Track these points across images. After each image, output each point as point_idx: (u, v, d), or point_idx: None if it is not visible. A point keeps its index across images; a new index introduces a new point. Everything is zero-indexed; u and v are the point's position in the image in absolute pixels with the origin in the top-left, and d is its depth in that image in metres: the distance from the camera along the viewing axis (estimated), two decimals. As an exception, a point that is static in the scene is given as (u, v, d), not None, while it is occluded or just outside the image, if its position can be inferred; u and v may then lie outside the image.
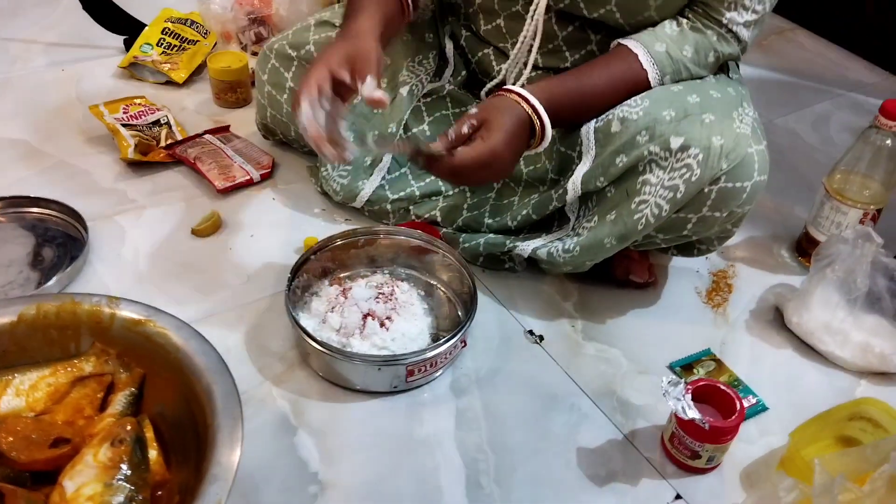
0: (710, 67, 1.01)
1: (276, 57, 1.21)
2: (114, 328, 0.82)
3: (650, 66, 0.98)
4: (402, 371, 0.94)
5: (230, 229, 1.20)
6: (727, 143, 0.91)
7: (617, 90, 0.99)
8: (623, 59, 0.99)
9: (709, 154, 0.91)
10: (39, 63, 1.61)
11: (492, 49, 1.13)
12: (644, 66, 0.98)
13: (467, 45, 1.17)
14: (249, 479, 0.85)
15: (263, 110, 1.28)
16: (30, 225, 1.17)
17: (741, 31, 0.99)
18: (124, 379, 0.82)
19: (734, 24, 0.98)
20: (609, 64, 1.00)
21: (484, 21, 1.11)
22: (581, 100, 1.00)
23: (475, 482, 0.88)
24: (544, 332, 1.07)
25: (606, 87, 1.00)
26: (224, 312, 1.06)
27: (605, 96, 1.00)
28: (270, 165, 1.31)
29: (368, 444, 0.91)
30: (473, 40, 1.16)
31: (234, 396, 0.74)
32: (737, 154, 0.91)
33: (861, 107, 1.69)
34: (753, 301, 1.16)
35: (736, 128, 0.93)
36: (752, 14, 0.98)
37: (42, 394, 0.81)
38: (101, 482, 0.70)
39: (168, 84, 1.55)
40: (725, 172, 0.92)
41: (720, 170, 0.91)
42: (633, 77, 0.99)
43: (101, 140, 1.37)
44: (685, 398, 0.86)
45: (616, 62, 1.00)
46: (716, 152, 0.91)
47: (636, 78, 0.99)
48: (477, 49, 1.15)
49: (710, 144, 0.91)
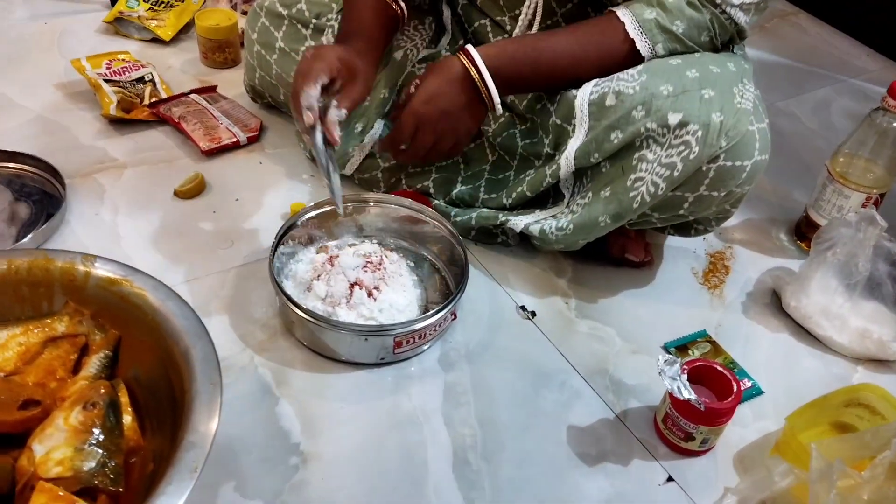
0: (705, 46, 0.97)
1: (266, 15, 1.17)
2: (88, 287, 0.79)
3: (637, 34, 0.94)
4: (389, 342, 0.91)
5: (214, 192, 1.16)
6: (727, 120, 0.88)
7: (587, 54, 0.97)
8: (599, 23, 0.97)
9: (708, 131, 0.88)
10: (20, 15, 1.55)
11: (488, 20, 1.09)
12: (631, 34, 0.94)
13: (464, 14, 1.14)
14: (228, 448, 0.82)
15: (252, 71, 1.24)
16: (5, 180, 1.12)
17: (736, 14, 0.95)
18: (99, 341, 0.79)
19: (728, 5, 0.94)
20: (579, 28, 0.97)
21: None
22: (539, 61, 0.97)
23: (462, 458, 0.85)
24: (537, 308, 1.04)
25: (574, 51, 0.97)
26: (205, 277, 1.02)
27: (573, 60, 0.97)
28: (258, 128, 1.27)
29: (353, 417, 0.88)
30: (470, 9, 1.12)
31: (213, 361, 0.71)
32: (737, 131, 0.89)
33: (862, 93, 1.67)
34: (750, 284, 1.14)
35: (737, 103, 0.90)
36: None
37: (12, 353, 0.77)
38: (72, 446, 0.68)
39: (154, 41, 1.50)
40: (725, 150, 0.89)
41: (719, 147, 0.88)
42: (609, 42, 0.96)
43: (82, 95, 1.32)
44: (681, 378, 0.83)
45: (589, 27, 0.97)
46: (715, 129, 0.88)
47: (613, 44, 0.95)
48: (474, 19, 1.12)
49: (709, 121, 0.88)
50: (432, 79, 0.98)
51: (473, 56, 0.96)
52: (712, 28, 0.95)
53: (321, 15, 1.13)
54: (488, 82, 0.96)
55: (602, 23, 0.96)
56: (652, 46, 0.95)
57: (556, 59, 0.97)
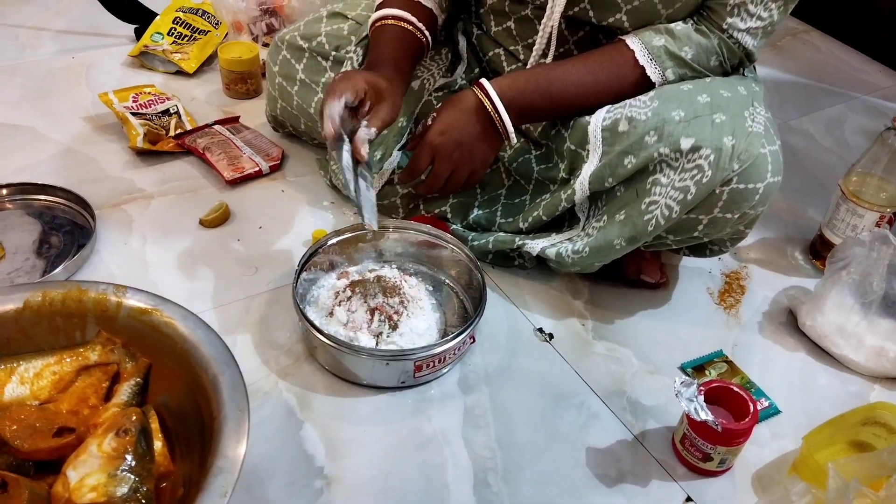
0: (714, 71, 1.00)
1: (287, 48, 1.20)
2: (120, 317, 0.81)
3: (647, 61, 0.97)
4: (409, 366, 0.93)
5: (238, 220, 1.19)
6: (739, 144, 0.90)
7: (599, 83, 0.99)
8: (609, 52, 0.99)
9: (720, 155, 0.89)
10: (49, 50, 1.60)
11: (502, 50, 1.12)
12: (640, 61, 0.97)
13: (479, 44, 1.16)
14: (254, 472, 0.84)
15: (274, 102, 1.27)
16: (37, 212, 1.16)
17: (744, 39, 0.97)
18: (130, 368, 0.82)
19: (735, 30, 0.96)
20: (590, 57, 1.00)
21: (494, 22, 1.10)
22: (552, 90, 1.00)
23: (483, 479, 0.87)
24: (554, 330, 1.06)
25: (586, 80, 0.99)
26: (231, 304, 1.05)
27: (586, 88, 1.00)
28: (280, 157, 1.30)
29: (375, 440, 0.90)
30: (485, 39, 1.15)
31: (240, 388, 0.73)
32: (749, 154, 0.90)
33: (875, 110, 1.67)
34: (766, 303, 1.15)
35: (748, 127, 0.91)
36: (756, 21, 0.96)
37: (47, 382, 0.80)
38: (105, 472, 0.70)
39: (178, 74, 1.54)
40: (737, 173, 0.90)
41: (732, 171, 0.90)
42: (620, 70, 0.98)
43: (110, 128, 1.36)
44: (698, 399, 0.84)
45: (599, 55, 1.00)
46: (727, 153, 0.89)
47: (624, 71, 0.98)
48: (488, 48, 1.14)
49: (721, 145, 0.89)
50: (447, 111, 1.01)
51: (487, 88, 0.99)
52: (720, 52, 0.98)
53: (340, 48, 1.16)
54: (502, 114, 0.99)
55: (612, 51, 0.99)
56: (662, 72, 0.98)
57: (568, 89, 1.00)
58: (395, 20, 1.04)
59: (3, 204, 1.17)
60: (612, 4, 0.98)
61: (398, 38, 1.04)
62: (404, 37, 1.05)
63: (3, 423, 0.74)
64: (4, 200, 1.17)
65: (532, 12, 1.04)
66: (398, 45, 1.04)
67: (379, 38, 1.05)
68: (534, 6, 1.03)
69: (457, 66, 1.19)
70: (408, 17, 1.04)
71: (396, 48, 1.04)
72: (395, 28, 1.04)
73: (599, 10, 0.99)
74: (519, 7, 1.05)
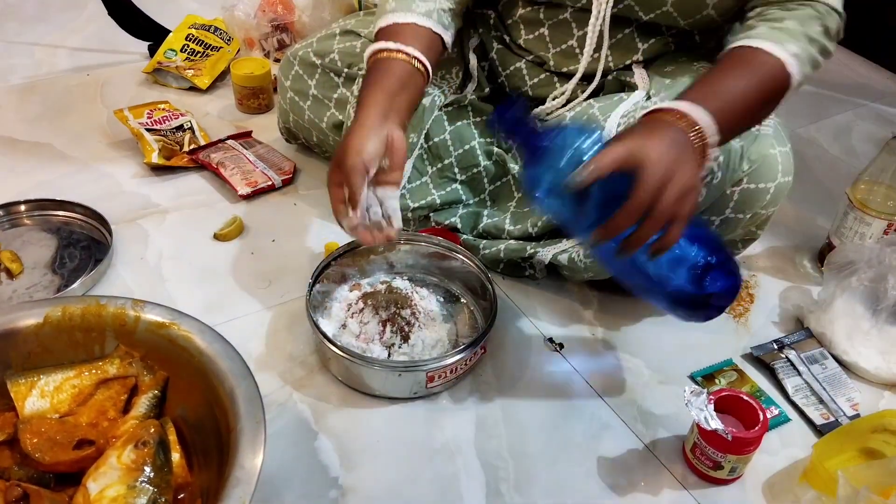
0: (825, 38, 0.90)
1: (299, 64, 1.22)
2: (138, 331, 0.83)
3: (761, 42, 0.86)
4: (422, 377, 0.94)
5: (252, 234, 1.21)
6: (747, 145, 0.91)
7: (762, 91, 0.86)
8: (747, 58, 0.87)
9: (729, 156, 0.90)
10: (64, 67, 1.63)
11: (524, 62, 1.13)
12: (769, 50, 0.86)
13: (499, 59, 1.16)
14: (270, 483, 0.86)
15: (286, 115, 1.29)
16: (54, 228, 1.18)
17: (832, 1, 0.90)
18: (148, 381, 0.83)
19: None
20: (736, 65, 0.87)
21: (525, 31, 1.10)
22: (728, 104, 0.83)
23: (495, 489, 0.88)
24: (564, 340, 1.07)
25: (749, 93, 0.85)
26: (245, 316, 1.07)
27: (754, 100, 0.86)
28: (292, 171, 1.32)
29: (388, 450, 0.91)
30: (506, 53, 1.15)
31: (256, 400, 0.74)
32: (758, 154, 0.91)
33: (883, 118, 1.68)
34: (775, 311, 1.15)
35: (755, 130, 0.92)
36: None
37: (66, 395, 0.82)
38: (125, 484, 0.71)
39: (191, 90, 1.56)
40: (748, 174, 0.91)
41: (742, 171, 0.91)
42: (772, 79, 0.87)
43: (125, 144, 1.38)
44: (708, 408, 0.85)
45: (743, 62, 0.87)
46: (736, 154, 0.90)
47: (775, 78, 0.87)
48: (509, 62, 1.14)
49: (729, 147, 0.90)
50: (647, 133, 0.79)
51: (681, 110, 0.79)
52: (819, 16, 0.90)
53: (353, 65, 1.17)
54: (707, 132, 0.79)
55: (751, 57, 0.87)
56: (801, 73, 0.88)
57: (737, 100, 0.84)
58: (393, 52, 0.95)
59: (22, 220, 1.19)
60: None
61: (397, 75, 0.94)
62: (402, 72, 0.94)
63: (25, 436, 0.76)
64: (23, 216, 1.19)
65: (571, 15, 1.04)
66: (396, 81, 0.94)
67: (374, 73, 0.96)
68: (574, 9, 1.03)
69: (467, 84, 1.19)
70: (405, 48, 0.95)
71: (395, 84, 0.94)
72: (391, 61, 0.95)
73: (644, 4, 0.98)
74: (557, 11, 1.05)
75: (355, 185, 0.86)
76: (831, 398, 1.00)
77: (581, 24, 1.04)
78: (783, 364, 1.04)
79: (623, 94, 1.05)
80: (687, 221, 0.75)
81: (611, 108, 1.03)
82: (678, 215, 0.74)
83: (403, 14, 0.99)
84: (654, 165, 0.73)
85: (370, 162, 0.86)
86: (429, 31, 1.00)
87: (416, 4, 1.00)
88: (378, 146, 0.87)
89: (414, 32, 0.98)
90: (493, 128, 0.82)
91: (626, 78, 1.06)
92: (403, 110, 0.93)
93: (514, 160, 1.14)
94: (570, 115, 1.07)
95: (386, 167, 0.89)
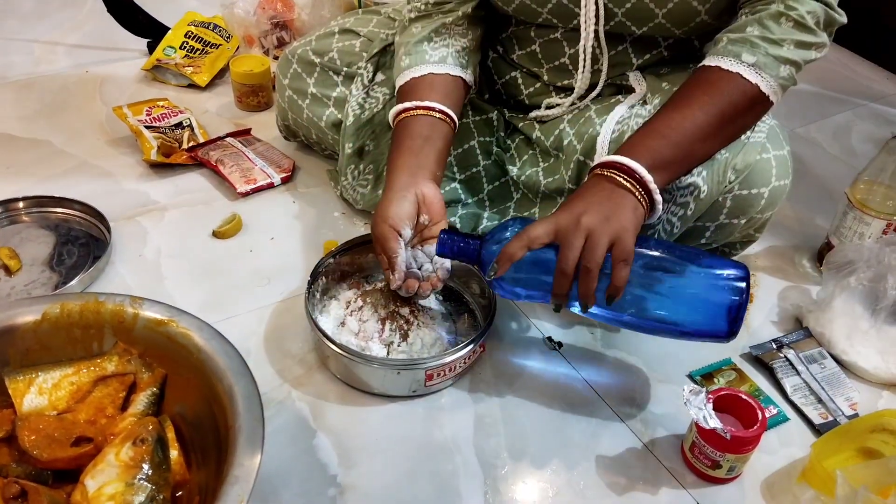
0: (796, 31, 0.87)
1: (298, 62, 1.22)
2: (137, 328, 0.83)
3: (718, 59, 0.87)
4: (420, 375, 0.94)
5: (251, 232, 1.21)
6: (732, 155, 0.90)
7: (723, 115, 0.86)
8: (707, 79, 0.88)
9: (712, 169, 0.90)
10: (63, 65, 1.63)
11: (520, 73, 1.12)
12: (748, 77, 0.86)
13: (494, 68, 1.16)
14: (268, 481, 0.86)
15: (284, 113, 1.29)
16: (53, 225, 1.18)
17: None
18: (146, 379, 0.83)
19: None
20: (694, 92, 0.87)
21: (518, 46, 1.10)
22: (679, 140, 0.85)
23: (494, 488, 0.88)
24: (563, 339, 1.07)
25: (710, 119, 0.86)
26: (244, 314, 1.06)
27: (712, 128, 0.86)
28: (291, 169, 1.32)
29: (387, 448, 0.91)
30: (501, 63, 1.14)
31: (255, 398, 0.74)
32: (745, 164, 0.90)
33: (883, 117, 1.68)
34: (774, 311, 1.15)
35: (743, 139, 0.92)
36: None
37: (65, 392, 0.81)
38: (123, 481, 0.71)
39: (190, 87, 1.56)
40: (737, 181, 0.91)
41: (728, 181, 0.90)
42: (731, 98, 0.86)
43: (124, 141, 1.38)
44: (706, 407, 0.85)
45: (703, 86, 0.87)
46: (720, 165, 0.90)
47: (735, 97, 0.87)
48: (504, 72, 1.14)
49: (714, 159, 0.90)
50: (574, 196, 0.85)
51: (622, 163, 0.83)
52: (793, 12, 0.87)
53: (352, 64, 1.17)
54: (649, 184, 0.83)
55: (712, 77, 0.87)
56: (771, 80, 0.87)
57: (695, 133, 0.86)
58: (412, 111, 0.98)
59: (20, 217, 1.19)
60: (648, 11, 0.95)
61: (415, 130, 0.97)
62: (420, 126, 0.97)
63: (23, 433, 0.75)
64: (21, 213, 1.19)
65: (563, 35, 1.03)
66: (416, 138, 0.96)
67: (397, 137, 0.98)
68: (565, 29, 1.02)
69: None
70: (422, 104, 0.97)
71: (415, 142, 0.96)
72: (411, 120, 0.97)
73: (635, 20, 0.97)
74: (547, 31, 1.04)
75: (390, 252, 0.91)
76: (830, 398, 1.00)
77: (572, 43, 1.03)
78: (782, 363, 1.04)
79: (620, 96, 1.05)
80: (630, 261, 0.79)
81: (606, 110, 1.03)
82: (616, 259, 0.79)
83: (418, 68, 1.01)
84: (567, 231, 0.79)
85: (400, 226, 0.91)
86: (446, 76, 1.01)
87: (428, 55, 1.01)
88: (408, 208, 0.91)
89: (430, 84, 1.00)
90: (442, 255, 0.92)
91: (622, 81, 1.06)
92: (433, 163, 0.95)
93: (512, 161, 1.14)
94: (568, 119, 1.07)
95: (427, 223, 0.93)
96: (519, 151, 1.15)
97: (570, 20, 1.00)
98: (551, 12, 1.00)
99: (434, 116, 0.98)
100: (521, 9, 1.01)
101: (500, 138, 1.16)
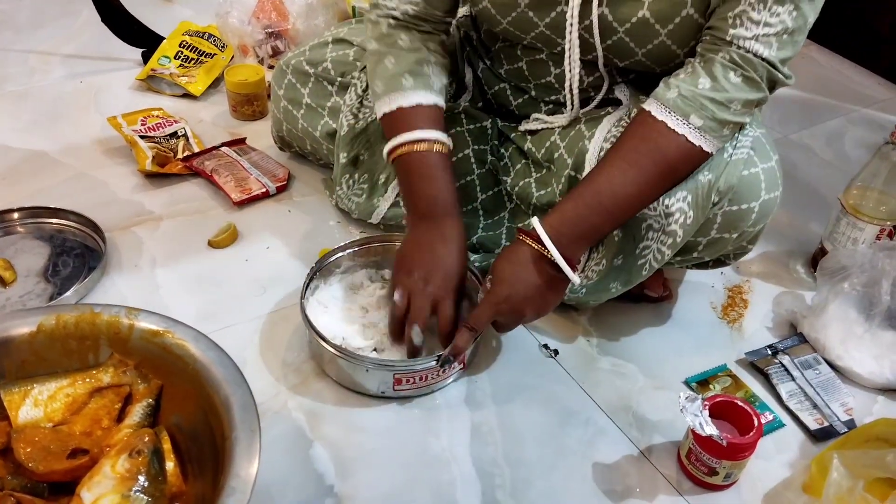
0: (744, 90, 0.87)
1: (292, 72, 1.22)
2: (132, 339, 0.83)
3: (666, 114, 0.88)
4: (389, 377, 0.95)
5: (246, 241, 1.21)
6: (714, 177, 0.90)
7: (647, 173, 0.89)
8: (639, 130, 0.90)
9: (696, 193, 0.90)
10: (58, 75, 1.63)
11: (508, 86, 1.13)
12: (672, 126, 0.88)
13: (484, 78, 1.16)
14: (266, 491, 0.85)
15: (279, 124, 1.29)
16: (48, 235, 1.18)
17: (754, 47, 0.85)
18: (142, 390, 0.83)
19: (741, 38, 0.85)
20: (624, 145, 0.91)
21: (506, 63, 1.10)
22: (605, 203, 0.90)
23: (491, 497, 0.88)
24: (559, 346, 1.07)
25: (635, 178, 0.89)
26: (240, 324, 1.06)
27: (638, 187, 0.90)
28: (286, 178, 1.32)
29: (384, 458, 0.91)
30: (490, 75, 1.15)
31: (251, 408, 0.74)
32: (728, 184, 0.90)
33: (875, 123, 1.69)
34: (769, 317, 1.15)
35: (726, 158, 0.91)
36: (764, 28, 0.85)
37: (60, 404, 0.81)
38: (119, 493, 0.70)
39: (185, 96, 1.56)
40: (725, 199, 0.91)
41: (713, 203, 0.91)
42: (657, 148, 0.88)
43: (119, 151, 1.38)
44: (702, 414, 0.85)
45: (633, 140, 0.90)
46: (703, 189, 0.90)
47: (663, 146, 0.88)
48: (493, 83, 1.15)
49: (696, 185, 0.90)
50: (504, 269, 0.93)
51: (537, 232, 0.91)
52: (736, 65, 0.86)
53: (346, 73, 1.17)
54: (555, 256, 0.90)
55: (642, 128, 0.90)
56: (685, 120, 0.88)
57: (617, 193, 0.90)
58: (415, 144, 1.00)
59: (15, 227, 1.19)
60: (628, 50, 0.95)
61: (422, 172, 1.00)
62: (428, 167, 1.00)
63: (18, 446, 0.75)
64: (16, 224, 1.19)
65: (548, 56, 1.04)
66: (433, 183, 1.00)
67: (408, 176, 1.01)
68: (551, 53, 1.02)
69: (461, 94, 1.19)
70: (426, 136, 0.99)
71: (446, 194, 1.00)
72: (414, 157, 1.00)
73: (617, 55, 0.97)
74: (533, 52, 1.05)
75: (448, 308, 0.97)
76: (825, 403, 1.00)
77: (558, 64, 1.03)
78: (777, 369, 1.05)
79: (610, 107, 1.05)
80: None
81: (595, 123, 1.03)
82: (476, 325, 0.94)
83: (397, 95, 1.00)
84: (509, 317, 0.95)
85: None
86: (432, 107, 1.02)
87: (404, 80, 1.00)
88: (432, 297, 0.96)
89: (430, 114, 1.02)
90: None
91: (609, 95, 1.06)
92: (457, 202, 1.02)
93: (506, 171, 1.14)
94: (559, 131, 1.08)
95: None
96: (512, 160, 1.15)
97: (554, 47, 1.01)
98: (536, 38, 1.01)
99: (437, 151, 1.01)
100: (507, 34, 1.03)
101: (494, 147, 1.17)
